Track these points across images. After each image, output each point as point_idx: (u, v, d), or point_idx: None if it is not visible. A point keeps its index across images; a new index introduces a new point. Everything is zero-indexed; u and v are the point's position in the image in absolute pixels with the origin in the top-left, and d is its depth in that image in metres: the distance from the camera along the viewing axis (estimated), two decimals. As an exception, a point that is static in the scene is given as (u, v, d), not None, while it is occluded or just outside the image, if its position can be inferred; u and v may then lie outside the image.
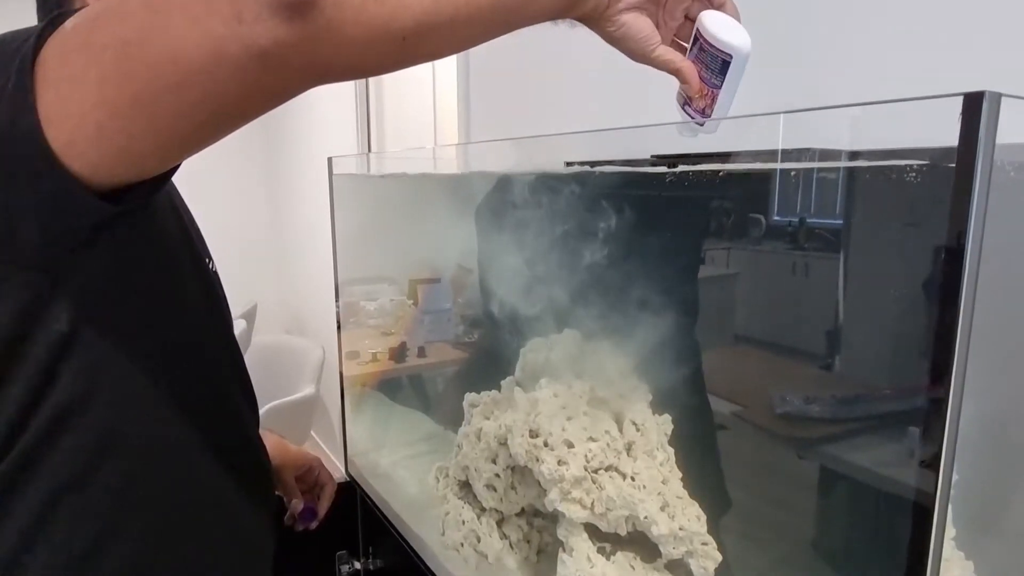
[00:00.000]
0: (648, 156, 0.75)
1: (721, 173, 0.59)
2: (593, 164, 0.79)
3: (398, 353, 1.42)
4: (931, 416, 0.39)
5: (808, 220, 0.66)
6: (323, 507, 0.92)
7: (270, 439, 0.85)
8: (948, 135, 0.40)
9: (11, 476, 0.49)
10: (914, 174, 0.39)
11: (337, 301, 1.29)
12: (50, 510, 0.50)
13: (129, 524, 0.54)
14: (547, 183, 0.85)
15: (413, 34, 0.39)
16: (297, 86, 0.40)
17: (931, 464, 0.38)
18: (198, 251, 0.64)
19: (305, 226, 2.96)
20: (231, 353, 0.67)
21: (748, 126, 0.60)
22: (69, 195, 0.40)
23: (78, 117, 0.38)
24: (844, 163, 0.54)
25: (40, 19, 0.59)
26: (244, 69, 0.37)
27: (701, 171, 0.63)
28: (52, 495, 0.50)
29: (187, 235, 0.62)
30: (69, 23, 0.39)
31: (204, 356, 0.61)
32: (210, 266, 0.67)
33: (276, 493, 0.91)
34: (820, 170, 0.60)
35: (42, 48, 0.39)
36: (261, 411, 0.77)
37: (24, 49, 0.39)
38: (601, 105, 1.04)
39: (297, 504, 0.90)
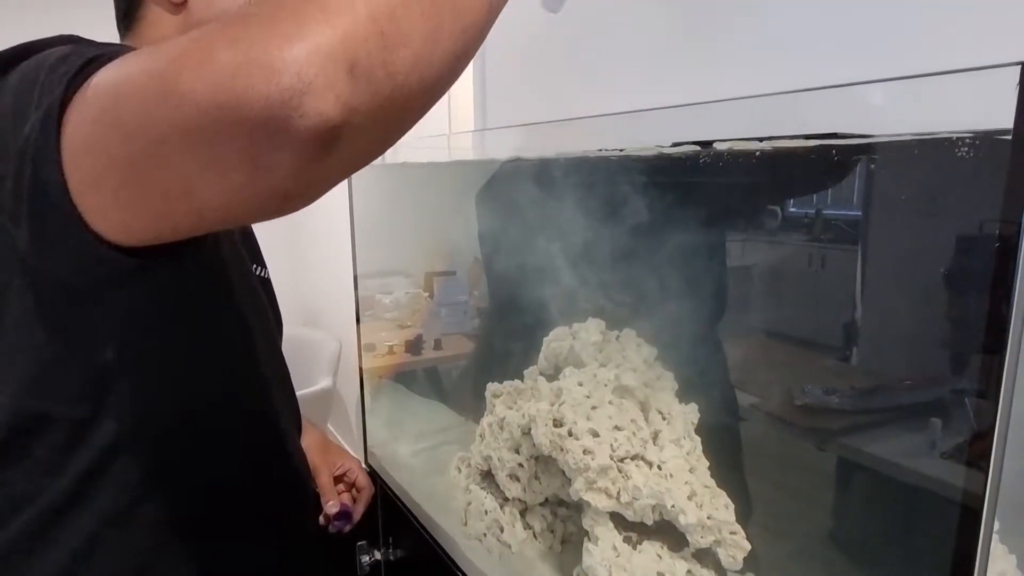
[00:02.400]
0: (669, 143, 0.75)
1: (757, 153, 0.58)
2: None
3: (414, 346, 1.42)
4: (981, 411, 0.38)
5: (826, 211, 0.65)
6: (359, 511, 0.91)
7: (313, 436, 0.84)
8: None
9: (58, 509, 0.48)
10: (967, 149, 0.38)
11: (356, 294, 1.29)
12: (92, 547, 0.49)
13: (170, 557, 0.53)
14: (561, 168, 0.84)
15: (428, 98, 0.35)
16: (315, 199, 0.37)
17: (980, 460, 0.37)
18: (246, 264, 0.62)
19: (318, 217, 2.96)
20: (278, 367, 0.66)
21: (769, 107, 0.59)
22: (97, 253, 0.39)
23: (103, 213, 0.37)
24: (874, 138, 0.52)
25: (119, 20, 0.58)
26: (261, 204, 0.34)
27: (736, 152, 0.62)
28: (95, 531, 0.49)
29: (234, 246, 0.60)
30: (85, 98, 0.36)
31: (252, 377, 0.60)
32: (260, 273, 0.65)
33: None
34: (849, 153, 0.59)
35: (68, 103, 0.36)
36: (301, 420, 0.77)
37: (52, 99, 0.37)
38: (619, 92, 1.03)
39: (332, 506, 0.89)
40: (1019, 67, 0.30)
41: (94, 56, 0.38)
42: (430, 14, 0.33)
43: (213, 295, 0.53)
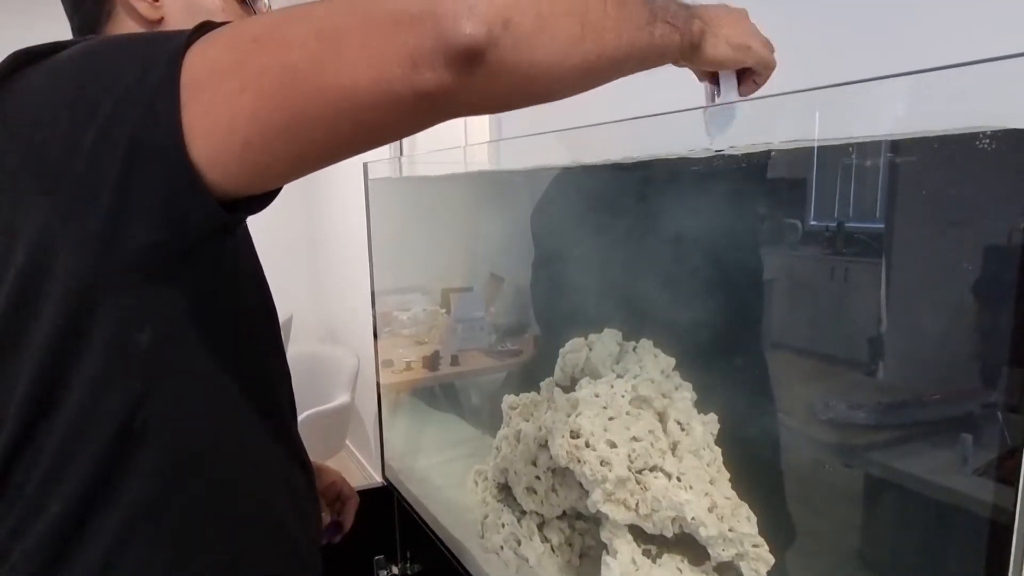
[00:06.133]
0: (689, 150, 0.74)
1: (770, 154, 0.58)
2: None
3: (432, 361, 1.42)
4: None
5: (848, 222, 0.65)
6: (347, 521, 0.92)
7: None
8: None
9: (88, 501, 0.47)
10: (988, 141, 0.38)
11: (374, 308, 1.30)
12: (125, 539, 0.49)
13: (201, 549, 0.53)
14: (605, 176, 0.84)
15: (560, 84, 0.42)
16: (444, 120, 0.42)
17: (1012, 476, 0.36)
18: (258, 258, 0.63)
19: (337, 234, 3.00)
20: (283, 359, 0.67)
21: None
22: (196, 200, 0.41)
23: (226, 134, 0.39)
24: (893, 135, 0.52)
25: (74, 28, 0.60)
26: (407, 109, 0.39)
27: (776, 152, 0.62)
28: (128, 523, 0.49)
29: (250, 242, 0.62)
30: (221, 36, 0.40)
31: (265, 372, 0.61)
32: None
33: None
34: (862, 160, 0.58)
35: (189, 51, 0.40)
36: (298, 420, 0.77)
37: (173, 46, 0.40)
38: (638, 98, 1.03)
39: (324, 518, 0.90)
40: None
41: (203, 23, 0.41)
42: (578, 31, 0.41)
43: (236, 284, 0.55)
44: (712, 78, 0.56)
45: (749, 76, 0.56)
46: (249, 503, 0.57)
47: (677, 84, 0.56)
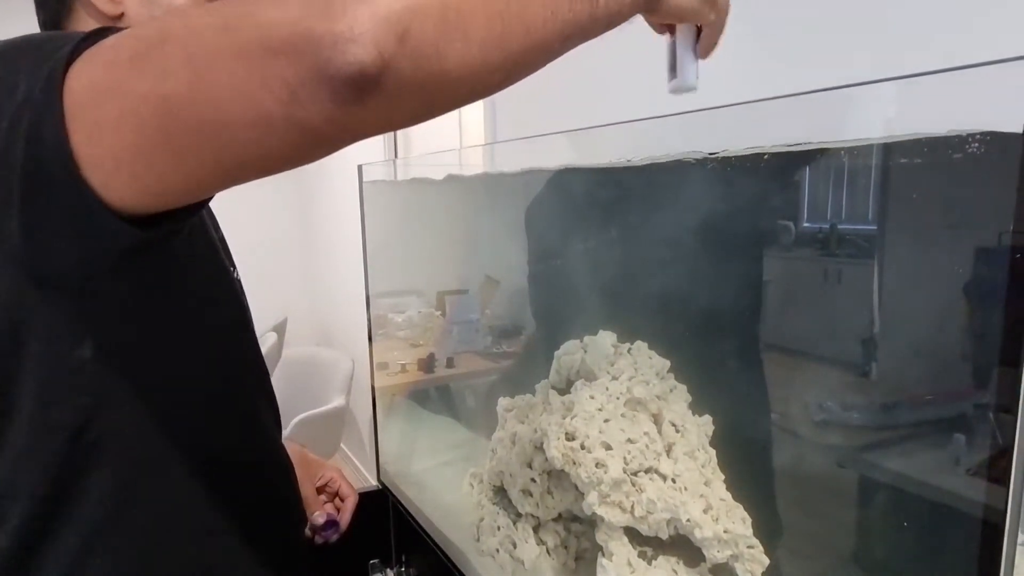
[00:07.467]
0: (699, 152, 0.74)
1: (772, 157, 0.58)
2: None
3: (427, 364, 1.42)
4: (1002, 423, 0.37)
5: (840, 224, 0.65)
6: (345, 519, 0.90)
7: (291, 448, 0.84)
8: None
9: (45, 517, 0.47)
10: (978, 145, 0.38)
11: (368, 311, 1.29)
12: (86, 555, 0.48)
13: (167, 557, 0.52)
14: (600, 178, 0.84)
15: (487, 84, 0.37)
16: (339, 148, 0.38)
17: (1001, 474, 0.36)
18: (223, 262, 0.62)
19: (332, 237, 2.99)
20: (256, 366, 0.66)
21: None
22: (101, 223, 0.39)
23: (112, 166, 0.37)
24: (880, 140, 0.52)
25: (40, 23, 0.59)
26: (292, 143, 0.35)
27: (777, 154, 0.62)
28: (88, 537, 0.48)
29: (212, 246, 0.60)
30: (102, 53, 0.38)
31: (231, 373, 0.60)
32: (233, 274, 0.65)
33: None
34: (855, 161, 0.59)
35: (72, 65, 0.37)
36: (292, 423, 0.76)
37: (55, 61, 0.37)
38: (633, 100, 1.04)
39: (319, 516, 0.88)
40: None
41: (97, 30, 0.38)
42: (497, 23, 0.35)
43: (188, 291, 0.53)
44: (671, 28, 0.50)
45: (704, 35, 0.49)
46: (218, 512, 0.55)
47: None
